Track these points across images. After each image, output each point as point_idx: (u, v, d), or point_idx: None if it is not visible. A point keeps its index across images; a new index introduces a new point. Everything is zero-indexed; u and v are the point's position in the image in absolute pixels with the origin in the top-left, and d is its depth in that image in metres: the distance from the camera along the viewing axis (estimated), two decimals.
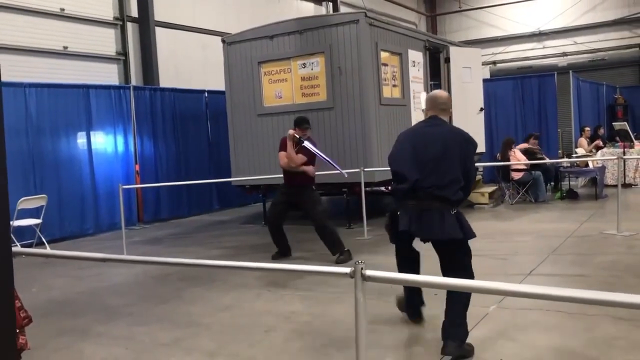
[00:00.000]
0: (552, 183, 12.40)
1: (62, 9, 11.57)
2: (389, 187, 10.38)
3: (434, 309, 4.94)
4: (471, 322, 4.50)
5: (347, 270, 2.54)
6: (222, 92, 11.17)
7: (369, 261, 7.01)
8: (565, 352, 3.94)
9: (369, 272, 2.47)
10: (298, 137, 7.01)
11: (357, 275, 2.44)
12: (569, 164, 12.21)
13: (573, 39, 22.33)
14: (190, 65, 13.89)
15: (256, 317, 5.04)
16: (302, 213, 7.46)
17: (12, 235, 8.15)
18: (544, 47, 23.00)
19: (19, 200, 8.39)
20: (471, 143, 4.30)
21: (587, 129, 14.36)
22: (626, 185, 12.16)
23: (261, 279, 6.19)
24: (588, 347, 3.99)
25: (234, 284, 6.15)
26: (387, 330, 4.50)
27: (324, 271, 2.79)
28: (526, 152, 11.64)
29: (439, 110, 4.35)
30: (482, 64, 14.86)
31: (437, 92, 4.56)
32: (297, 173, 7.08)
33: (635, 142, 13.85)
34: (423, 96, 5.39)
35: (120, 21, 12.79)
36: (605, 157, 12.53)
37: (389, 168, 9.87)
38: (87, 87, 10.53)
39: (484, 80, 13.34)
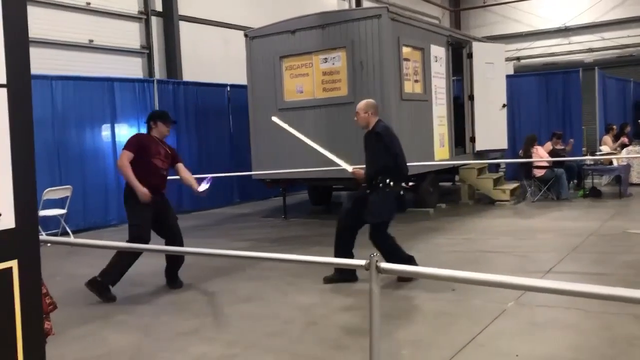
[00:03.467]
0: (575, 181, 12.26)
1: (88, 3, 11.73)
2: (409, 183, 10.40)
3: (451, 304, 4.95)
4: (488, 318, 4.52)
5: (362, 262, 2.57)
6: (244, 87, 11.24)
7: None
8: (583, 350, 3.92)
9: (383, 265, 2.50)
10: None
11: (372, 268, 2.47)
12: (592, 162, 12.06)
13: (600, 35, 21.96)
14: (213, 59, 13.99)
15: (275, 309, 5.10)
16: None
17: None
18: (570, 43, 22.65)
19: (45, 191, 8.56)
20: None
21: (614, 126, 14.14)
22: None
23: (281, 271, 6.25)
24: (607, 345, 3.97)
25: (254, 276, 6.22)
26: (403, 324, 4.52)
27: (340, 263, 2.82)
28: (551, 154, 11.54)
29: None
30: (506, 60, 14.74)
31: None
32: None
33: None
34: (364, 103, 5.97)
35: (144, 15, 12.93)
36: (631, 155, 12.35)
37: (409, 163, 9.94)
38: (111, 80, 10.69)
39: (508, 76, 13.22)
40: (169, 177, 6.06)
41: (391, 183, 5.61)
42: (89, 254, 7.66)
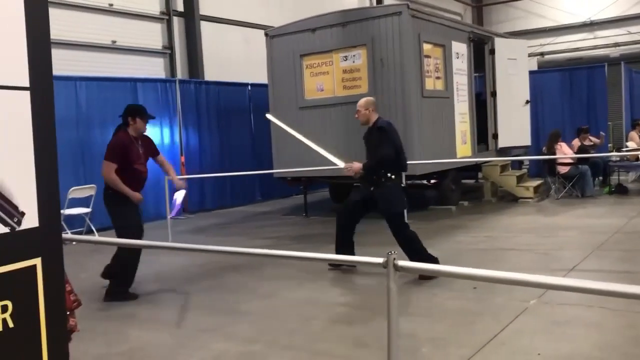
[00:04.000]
0: (601, 177, 12.08)
1: (111, 5, 11.89)
2: (431, 180, 10.36)
3: (472, 302, 4.92)
4: (510, 316, 4.49)
5: (380, 260, 2.57)
6: (264, 85, 11.29)
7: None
8: (605, 349, 3.87)
9: (401, 263, 2.50)
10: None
11: (390, 266, 2.47)
12: (618, 158, 11.86)
13: (626, 29, 21.56)
14: (234, 58, 14.07)
15: (296, 306, 5.13)
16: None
17: (63, 223, 8.50)
18: (595, 38, 22.29)
19: (70, 190, 8.71)
20: None
21: None
22: None
23: (302, 269, 6.28)
24: (630, 344, 3.92)
25: (276, 273, 6.26)
26: (424, 321, 4.52)
27: (357, 261, 2.83)
28: (579, 151, 11.40)
29: None
30: (530, 56, 14.54)
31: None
32: None
33: None
34: (364, 100, 6.08)
35: (166, 15, 13.06)
36: None
37: (431, 160, 9.83)
38: (134, 81, 10.83)
39: (531, 72, 13.06)
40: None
41: (393, 176, 5.75)
42: (113, 251, 7.77)
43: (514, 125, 11.74)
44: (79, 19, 11.36)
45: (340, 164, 6.23)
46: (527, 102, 12.13)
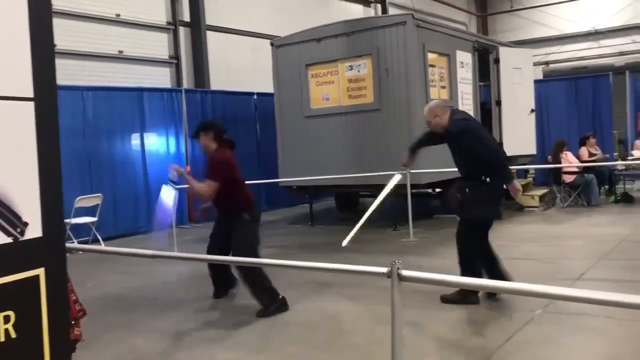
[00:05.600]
0: (607, 186, 12.03)
1: (118, 15, 11.99)
2: (436, 189, 10.34)
3: (478, 312, 4.90)
4: (516, 326, 4.46)
5: (384, 270, 2.57)
6: (270, 95, 11.33)
7: (414, 263, 7.04)
8: (611, 359, 3.85)
9: (405, 272, 2.50)
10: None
11: (394, 276, 2.47)
12: (624, 167, 11.82)
13: (631, 38, 21.54)
14: (240, 68, 14.14)
15: (301, 315, 5.12)
16: None
17: (69, 232, 8.53)
18: (599, 47, 22.26)
19: (76, 199, 8.74)
20: None
21: None
22: None
23: (308, 278, 6.26)
24: (637, 354, 3.89)
25: (281, 283, 6.22)
26: (429, 332, 4.50)
27: (361, 271, 2.83)
28: (590, 157, 11.39)
29: None
30: (534, 65, 14.54)
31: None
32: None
33: None
34: (427, 110, 5.47)
35: (172, 26, 13.15)
36: None
37: (435, 170, 9.70)
38: (140, 90, 10.89)
39: (536, 81, 13.05)
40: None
41: (487, 179, 5.02)
42: (119, 261, 7.80)
43: (519, 134, 11.72)
44: (86, 29, 11.46)
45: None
46: (532, 111, 12.11)
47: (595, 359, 3.86)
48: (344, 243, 6.00)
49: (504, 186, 5.22)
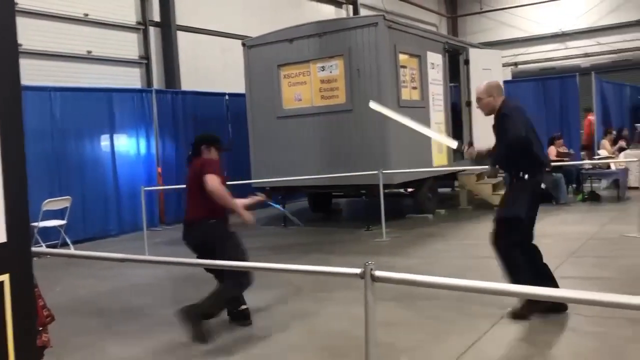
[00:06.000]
0: (574, 185, 12.27)
1: (86, 14, 11.79)
2: (408, 189, 10.42)
3: (450, 311, 4.94)
4: (487, 324, 4.51)
5: (357, 271, 2.57)
6: (242, 95, 11.27)
7: (387, 263, 7.07)
8: (580, 354, 3.92)
9: (378, 273, 2.50)
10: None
11: (367, 276, 2.48)
12: (591, 166, 12.07)
13: (596, 40, 22.03)
14: (211, 68, 14.03)
15: (273, 317, 5.10)
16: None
17: (37, 236, 8.35)
18: (566, 48, 22.72)
19: (44, 202, 8.57)
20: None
21: (613, 130, 14.16)
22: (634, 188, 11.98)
23: (281, 280, 6.25)
24: (604, 349, 3.97)
25: (254, 285, 6.21)
26: (402, 332, 4.52)
27: (334, 272, 2.82)
28: (559, 157, 11.58)
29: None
30: (504, 66, 14.76)
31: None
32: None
33: None
34: (485, 86, 4.98)
35: (142, 26, 12.99)
36: (629, 159, 12.35)
37: (408, 170, 9.63)
38: (110, 91, 10.73)
39: (505, 82, 13.22)
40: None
41: (526, 176, 4.62)
42: (89, 265, 7.68)
43: (490, 134, 11.82)
44: (54, 29, 11.25)
45: (453, 144, 5.29)
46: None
47: (564, 355, 3.92)
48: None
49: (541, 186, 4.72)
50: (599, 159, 12.42)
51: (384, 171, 8.65)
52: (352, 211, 12.61)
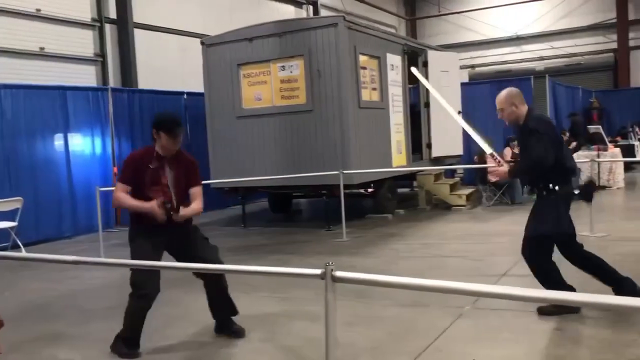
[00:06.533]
0: (529, 185, 12.56)
1: (38, 10, 11.44)
2: (368, 190, 10.48)
3: (410, 310, 4.99)
4: (445, 322, 4.57)
5: (317, 271, 2.56)
6: (201, 94, 11.14)
7: (347, 263, 7.11)
8: (535, 351, 4.01)
9: (339, 274, 2.50)
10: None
11: (328, 277, 2.47)
12: None
13: (550, 44, 22.66)
14: (169, 67, 13.82)
15: (234, 318, 5.03)
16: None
17: None
18: (522, 52, 23.29)
19: None
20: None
21: (567, 132, 14.57)
22: (600, 188, 12.35)
23: (240, 280, 6.18)
24: (558, 346, 4.08)
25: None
26: (362, 331, 4.54)
27: (295, 273, 2.81)
28: (514, 158, 11.82)
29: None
30: (461, 68, 15.03)
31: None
32: None
33: (609, 145, 14.09)
34: (505, 95, 4.81)
35: (98, 22, 12.69)
36: (580, 159, 12.72)
37: (368, 170, 9.62)
38: (64, 89, 10.44)
39: (462, 84, 13.47)
40: None
41: (556, 187, 4.55)
42: (41, 267, 7.45)
43: (447, 135, 12.06)
44: (4, 24, 10.88)
45: (488, 149, 5.06)
46: (459, 112, 12.47)
47: (520, 353, 4.00)
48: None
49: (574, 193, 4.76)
50: None
51: (344, 171, 8.68)
52: (312, 211, 12.61)
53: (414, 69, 6.04)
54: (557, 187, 4.52)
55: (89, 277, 6.91)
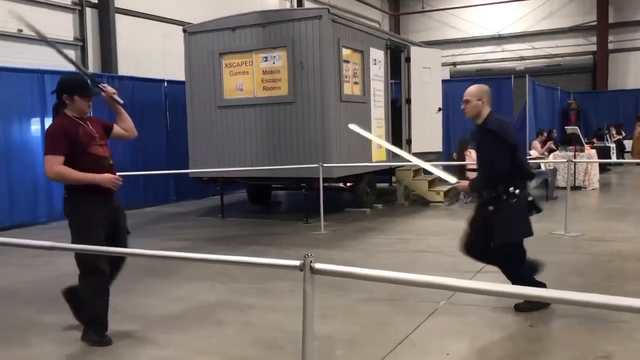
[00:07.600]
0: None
1: None
2: (347, 183, 10.51)
3: (385, 304, 5.02)
4: (421, 317, 4.61)
5: (296, 263, 2.56)
6: (182, 83, 11.04)
7: (325, 256, 7.13)
8: (510, 347, 4.07)
9: (317, 266, 2.50)
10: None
11: (306, 269, 2.47)
12: None
13: (531, 44, 22.91)
14: (150, 54, 13.67)
15: (209, 310, 5.03)
16: None
17: None
18: (503, 51, 23.51)
19: None
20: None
21: (544, 132, 14.77)
22: (575, 188, 12.54)
23: (217, 272, 6.17)
24: (532, 342, 4.14)
25: (189, 276, 6.12)
26: (338, 324, 4.56)
27: (273, 264, 2.81)
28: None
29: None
30: (442, 65, 15.10)
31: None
32: None
33: (586, 146, 14.30)
34: (476, 89, 4.83)
35: (79, 6, 12.49)
36: (557, 160, 12.90)
37: (347, 164, 9.64)
38: (42, 72, 10.25)
39: (444, 81, 13.54)
40: None
41: (517, 190, 4.55)
42: (14, 253, 7.33)
43: (427, 131, 12.13)
44: None
45: (451, 179, 4.95)
46: (440, 109, 12.56)
47: (494, 348, 4.06)
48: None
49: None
50: (530, 159, 12.90)
51: (324, 164, 8.69)
52: (291, 204, 12.61)
53: (351, 125, 5.83)
54: (517, 191, 4.55)
55: (62, 263, 6.80)
